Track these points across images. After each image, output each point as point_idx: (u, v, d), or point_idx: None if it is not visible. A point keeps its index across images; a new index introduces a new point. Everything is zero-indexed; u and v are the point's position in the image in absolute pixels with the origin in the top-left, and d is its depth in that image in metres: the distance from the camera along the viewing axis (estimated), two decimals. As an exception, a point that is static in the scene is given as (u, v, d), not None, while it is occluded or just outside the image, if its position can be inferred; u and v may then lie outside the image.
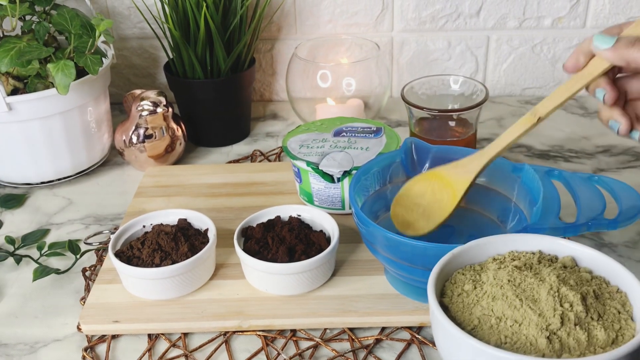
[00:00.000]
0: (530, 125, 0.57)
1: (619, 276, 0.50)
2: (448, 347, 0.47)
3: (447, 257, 0.53)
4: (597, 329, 0.45)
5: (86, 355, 0.61)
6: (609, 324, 0.46)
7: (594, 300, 0.47)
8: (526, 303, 0.47)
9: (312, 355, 0.60)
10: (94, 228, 0.79)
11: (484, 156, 0.60)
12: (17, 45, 0.77)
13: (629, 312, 0.47)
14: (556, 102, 0.55)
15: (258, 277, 0.64)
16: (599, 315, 0.46)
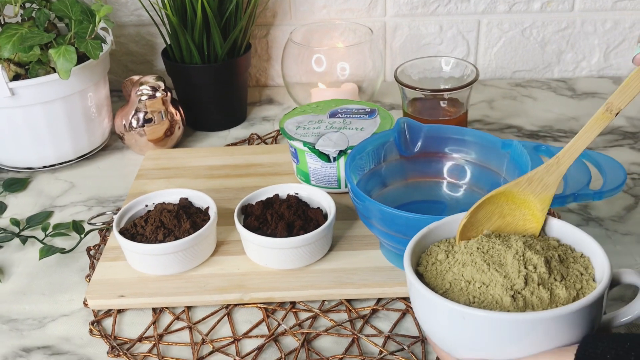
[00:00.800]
0: (607, 122, 0.50)
1: (583, 242, 0.52)
2: (423, 311, 0.50)
3: (423, 231, 0.55)
4: (559, 288, 0.48)
5: (93, 329, 0.64)
6: (570, 284, 0.48)
7: (558, 264, 0.50)
8: (493, 267, 0.50)
9: (311, 325, 0.63)
10: (97, 209, 0.82)
11: (561, 166, 0.53)
12: (19, 32, 0.78)
13: (590, 274, 0.50)
14: (633, 94, 0.49)
15: (258, 251, 0.66)
16: (562, 276, 0.49)
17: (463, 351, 0.48)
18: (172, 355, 0.60)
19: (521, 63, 1.09)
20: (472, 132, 0.72)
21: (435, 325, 0.50)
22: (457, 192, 0.73)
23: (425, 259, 0.54)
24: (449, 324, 0.48)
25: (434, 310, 0.49)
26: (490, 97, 1.04)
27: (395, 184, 0.73)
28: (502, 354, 0.47)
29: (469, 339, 0.47)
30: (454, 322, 0.47)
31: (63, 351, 0.61)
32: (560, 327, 0.45)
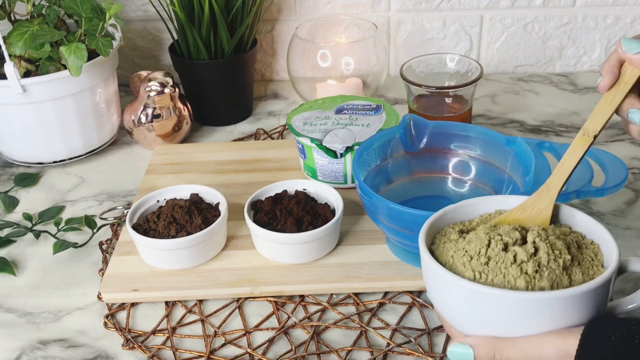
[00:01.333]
0: (588, 145, 0.53)
1: (594, 230, 0.53)
2: (435, 287, 0.51)
3: (439, 213, 0.56)
4: (577, 273, 0.49)
5: (107, 322, 0.65)
6: (585, 269, 0.50)
7: (576, 249, 0.51)
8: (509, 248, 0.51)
9: (320, 318, 0.65)
10: (108, 204, 0.83)
11: (550, 191, 0.54)
12: (30, 29, 0.80)
13: (600, 261, 0.51)
14: (604, 118, 0.53)
15: (268, 246, 0.68)
16: (578, 262, 0.50)
17: (472, 328, 0.50)
18: (185, 348, 0.62)
19: (523, 58, 1.10)
20: (477, 129, 0.73)
21: (445, 302, 0.51)
22: (462, 187, 0.74)
23: (439, 238, 0.56)
24: (459, 300, 0.49)
25: (446, 287, 0.50)
26: (493, 91, 1.06)
27: (401, 180, 0.75)
28: (510, 331, 0.48)
29: (478, 316, 0.48)
30: (464, 299, 0.48)
31: (79, 344, 0.63)
32: (569, 308, 0.46)
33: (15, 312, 0.67)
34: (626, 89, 0.52)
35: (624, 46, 0.51)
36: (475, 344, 0.49)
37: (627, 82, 0.52)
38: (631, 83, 0.52)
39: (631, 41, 0.51)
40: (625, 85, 0.52)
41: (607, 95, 0.53)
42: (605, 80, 0.53)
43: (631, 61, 0.52)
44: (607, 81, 0.53)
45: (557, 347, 0.46)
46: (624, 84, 0.52)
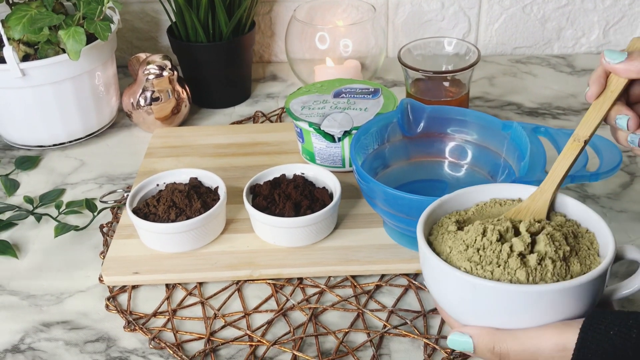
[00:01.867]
0: (579, 150, 0.55)
1: (589, 218, 0.54)
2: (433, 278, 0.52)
3: (435, 203, 0.57)
4: (575, 264, 0.50)
5: (109, 304, 0.66)
6: (582, 259, 0.51)
7: (573, 239, 0.52)
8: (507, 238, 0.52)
9: (318, 300, 0.66)
10: (108, 187, 0.84)
11: (544, 194, 0.56)
12: (29, 13, 0.80)
13: (595, 249, 0.52)
14: (594, 124, 0.55)
15: (267, 230, 0.69)
16: (576, 252, 0.51)
17: (471, 319, 0.51)
18: (185, 330, 0.63)
19: (521, 39, 1.10)
20: (473, 114, 0.74)
21: (444, 293, 0.52)
22: (458, 171, 0.75)
23: (436, 229, 0.56)
24: (458, 292, 0.50)
25: (444, 279, 0.51)
26: (491, 73, 1.06)
27: (398, 164, 0.76)
28: (508, 322, 0.49)
29: (477, 307, 0.49)
30: (464, 291, 0.49)
31: (81, 326, 0.64)
32: (567, 300, 0.47)
33: (18, 294, 0.68)
34: (613, 97, 0.55)
35: (607, 57, 0.54)
36: (475, 334, 0.50)
37: (614, 91, 0.55)
38: (617, 91, 0.54)
39: (613, 52, 0.54)
40: (612, 94, 0.55)
41: (595, 104, 0.55)
42: (593, 90, 0.55)
43: (614, 71, 0.54)
44: (594, 90, 0.55)
45: (556, 341, 0.47)
46: (610, 92, 0.55)
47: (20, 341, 0.63)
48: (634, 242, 0.71)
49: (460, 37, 1.10)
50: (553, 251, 0.50)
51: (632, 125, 0.54)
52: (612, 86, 0.55)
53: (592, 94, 0.55)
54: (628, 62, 0.53)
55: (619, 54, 0.53)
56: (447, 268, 0.50)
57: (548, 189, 0.55)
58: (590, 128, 0.55)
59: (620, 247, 0.52)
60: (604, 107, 0.55)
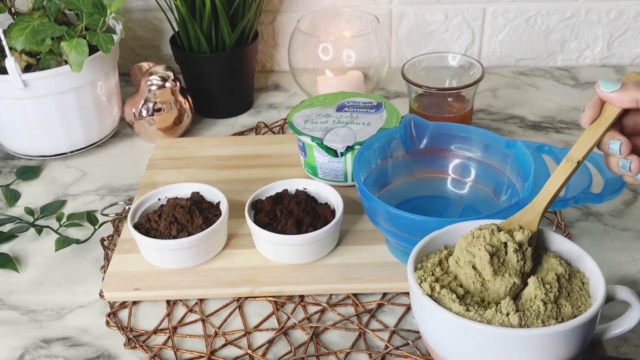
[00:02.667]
0: (571, 170, 0.57)
1: (580, 258, 0.55)
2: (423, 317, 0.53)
3: (427, 239, 0.58)
4: (566, 306, 0.51)
5: (109, 320, 0.66)
6: (574, 301, 0.52)
7: (566, 281, 0.53)
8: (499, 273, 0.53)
9: (319, 319, 0.65)
10: (109, 199, 0.84)
11: (536, 208, 0.57)
12: (31, 24, 0.79)
13: (586, 290, 0.53)
14: (588, 146, 0.57)
15: (268, 247, 0.69)
16: (568, 293, 0.52)
17: (458, 358, 0.51)
18: (186, 348, 0.63)
19: (525, 51, 1.10)
20: (477, 131, 0.73)
21: (432, 332, 0.53)
22: (462, 189, 0.75)
23: (427, 264, 0.57)
24: (448, 333, 0.50)
25: (434, 319, 0.51)
26: (494, 85, 1.06)
27: (401, 180, 0.75)
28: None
29: (467, 349, 0.50)
30: (453, 332, 0.50)
31: (82, 342, 0.64)
32: (558, 343, 0.47)
33: (18, 309, 0.68)
34: (607, 123, 0.56)
35: (601, 86, 0.56)
36: None
37: (608, 118, 0.56)
38: (611, 118, 0.56)
39: (607, 82, 0.56)
40: (606, 120, 0.56)
41: (590, 128, 0.57)
42: (587, 115, 0.57)
43: (608, 99, 0.56)
44: (589, 115, 0.57)
45: None
46: (604, 119, 0.57)
47: (20, 358, 0.63)
48: (638, 261, 0.71)
49: (463, 48, 1.10)
50: (543, 294, 0.50)
51: (625, 150, 0.56)
52: (607, 113, 0.57)
53: (587, 119, 0.57)
54: (621, 92, 0.55)
55: (612, 84, 0.56)
56: (437, 308, 0.50)
57: (540, 204, 0.57)
58: (584, 150, 0.57)
59: (611, 287, 0.52)
60: (598, 131, 0.56)
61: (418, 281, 0.53)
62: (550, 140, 0.91)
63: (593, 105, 0.57)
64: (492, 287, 0.52)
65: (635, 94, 0.55)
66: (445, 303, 0.51)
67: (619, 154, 0.56)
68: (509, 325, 0.49)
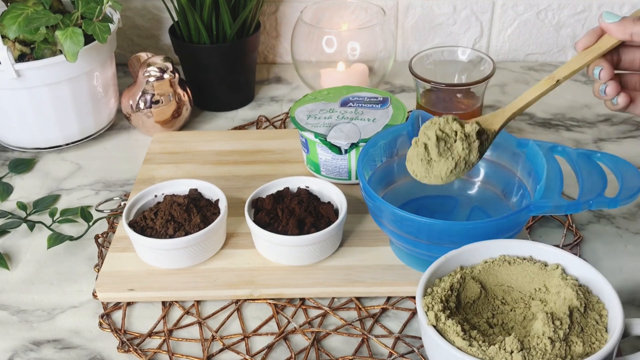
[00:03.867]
0: (549, 87, 0.60)
1: (602, 289, 0.52)
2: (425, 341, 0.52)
3: (440, 260, 0.56)
4: (577, 344, 0.48)
5: (102, 322, 0.64)
6: (587, 337, 0.49)
7: (580, 315, 0.50)
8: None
9: (321, 323, 0.63)
10: (104, 194, 0.81)
11: (505, 112, 0.61)
12: (25, 12, 0.76)
13: (604, 324, 0.50)
14: (573, 68, 0.60)
15: (269, 248, 0.66)
16: (581, 328, 0.50)
17: None
18: (181, 352, 0.61)
19: (535, 46, 1.07)
20: (487, 128, 0.70)
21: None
22: (470, 188, 0.72)
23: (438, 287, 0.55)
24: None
25: (437, 350, 0.50)
26: (503, 81, 1.03)
27: (407, 178, 0.71)
28: None
29: None
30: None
31: (73, 345, 0.62)
32: None
33: (8, 309, 0.66)
34: (599, 50, 0.59)
35: (604, 16, 0.58)
36: None
37: (601, 47, 0.59)
38: (604, 47, 0.59)
39: (610, 14, 0.58)
40: (598, 48, 0.59)
41: (581, 53, 0.60)
42: (583, 40, 0.60)
43: (607, 30, 0.58)
44: (584, 41, 0.60)
45: None
46: (598, 47, 0.59)
47: (8, 361, 0.60)
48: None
49: (471, 41, 1.07)
50: (552, 331, 0.48)
51: (604, 76, 0.60)
52: (601, 42, 0.59)
53: (582, 44, 0.60)
54: (620, 24, 0.57)
55: (615, 16, 0.58)
56: (440, 341, 0.49)
57: (509, 109, 0.60)
58: (568, 70, 0.59)
59: (628, 321, 0.50)
60: (588, 57, 0.59)
61: (425, 309, 0.51)
62: (561, 138, 0.89)
63: (592, 33, 0.60)
64: (436, 167, 0.58)
65: (631, 27, 0.57)
66: (449, 336, 0.49)
67: (598, 79, 0.60)
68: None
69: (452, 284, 0.54)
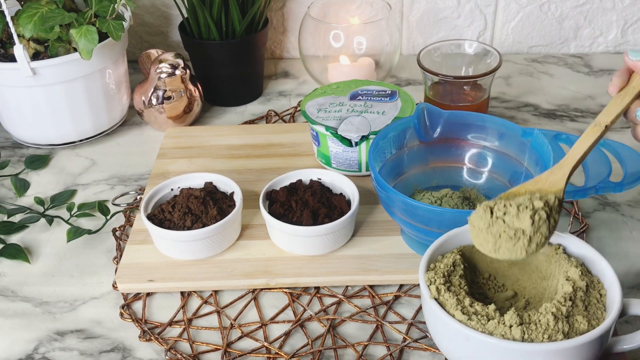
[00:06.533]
0: (599, 135, 0.56)
1: (602, 270, 0.54)
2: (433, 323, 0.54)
3: (441, 239, 0.58)
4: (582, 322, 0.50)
5: (123, 312, 0.65)
6: (592, 314, 0.51)
7: (584, 293, 0.52)
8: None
9: (336, 311, 0.65)
10: (120, 189, 0.83)
11: (563, 168, 0.56)
12: (39, 11, 0.78)
13: (603, 303, 0.52)
14: (615, 112, 0.57)
15: (284, 238, 0.68)
16: (585, 306, 0.51)
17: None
18: (201, 340, 0.62)
19: (538, 38, 1.08)
20: (492, 119, 0.72)
21: (438, 334, 0.53)
22: (478, 178, 0.74)
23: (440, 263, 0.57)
24: (451, 338, 0.51)
25: (440, 324, 0.52)
26: (507, 73, 1.04)
27: (417, 169, 0.74)
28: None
29: (469, 355, 0.50)
30: (456, 338, 0.50)
31: (96, 335, 0.64)
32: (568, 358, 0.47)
33: (31, 301, 0.67)
34: (635, 91, 0.57)
35: (630, 55, 0.57)
36: None
37: (635, 86, 0.57)
38: (639, 87, 0.57)
39: (636, 51, 0.57)
40: (633, 89, 0.57)
41: (617, 96, 0.58)
42: (615, 83, 0.58)
43: (636, 68, 0.57)
44: (617, 83, 0.58)
45: None
46: (632, 87, 0.58)
47: (34, 351, 0.62)
48: (656, 253, 0.70)
49: (475, 34, 1.08)
50: (555, 307, 0.50)
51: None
52: (635, 82, 0.57)
53: (615, 87, 0.58)
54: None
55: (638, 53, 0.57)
56: (441, 313, 0.51)
57: (567, 165, 0.56)
58: (612, 115, 0.57)
59: (626, 300, 0.52)
60: (626, 99, 0.57)
61: (427, 283, 0.53)
62: (565, 128, 0.90)
63: (621, 74, 0.58)
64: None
65: None
66: (448, 309, 0.51)
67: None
68: (510, 338, 0.49)
69: (455, 260, 0.56)
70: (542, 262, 0.57)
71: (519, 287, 0.57)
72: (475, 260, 0.59)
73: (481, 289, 0.58)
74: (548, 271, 0.56)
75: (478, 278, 0.58)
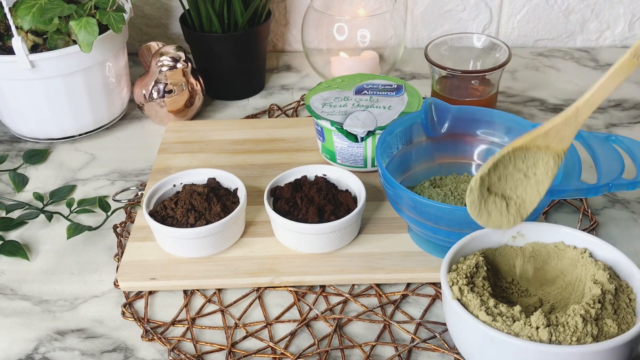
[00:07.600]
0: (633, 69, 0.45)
1: (630, 274, 0.53)
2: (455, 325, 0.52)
3: (463, 241, 0.57)
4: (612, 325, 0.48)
5: (125, 311, 0.64)
6: (622, 318, 0.50)
7: (613, 297, 0.51)
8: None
9: (342, 310, 0.63)
10: (120, 184, 0.81)
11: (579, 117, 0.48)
12: (38, 2, 0.76)
13: (632, 307, 0.51)
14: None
15: (289, 236, 0.66)
16: (614, 310, 0.50)
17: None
18: (205, 340, 0.61)
19: (544, 32, 1.07)
20: (501, 114, 0.71)
21: (461, 336, 0.52)
22: (486, 175, 0.72)
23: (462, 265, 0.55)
24: (475, 340, 0.50)
25: (463, 325, 0.50)
26: (513, 67, 1.03)
27: (424, 165, 0.73)
28: None
29: (497, 359, 0.49)
30: (480, 340, 0.49)
31: (97, 334, 0.62)
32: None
33: (30, 299, 0.66)
34: None
35: None
36: None
37: None
38: None
39: None
40: None
41: None
42: None
43: None
44: None
45: None
46: None
47: (34, 350, 0.61)
48: (667, 251, 0.69)
49: (480, 28, 1.07)
50: (584, 310, 0.49)
51: None
52: None
53: None
54: None
55: None
56: (464, 314, 0.49)
57: (585, 112, 0.48)
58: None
59: None
60: None
61: (450, 284, 0.52)
62: (573, 124, 0.89)
63: None
64: None
65: None
66: (472, 310, 0.50)
67: None
68: (537, 340, 0.47)
69: (478, 262, 0.54)
70: (567, 267, 0.56)
71: (543, 292, 0.56)
72: (497, 263, 0.57)
73: (504, 293, 0.56)
74: (574, 275, 0.55)
75: (501, 282, 0.57)
